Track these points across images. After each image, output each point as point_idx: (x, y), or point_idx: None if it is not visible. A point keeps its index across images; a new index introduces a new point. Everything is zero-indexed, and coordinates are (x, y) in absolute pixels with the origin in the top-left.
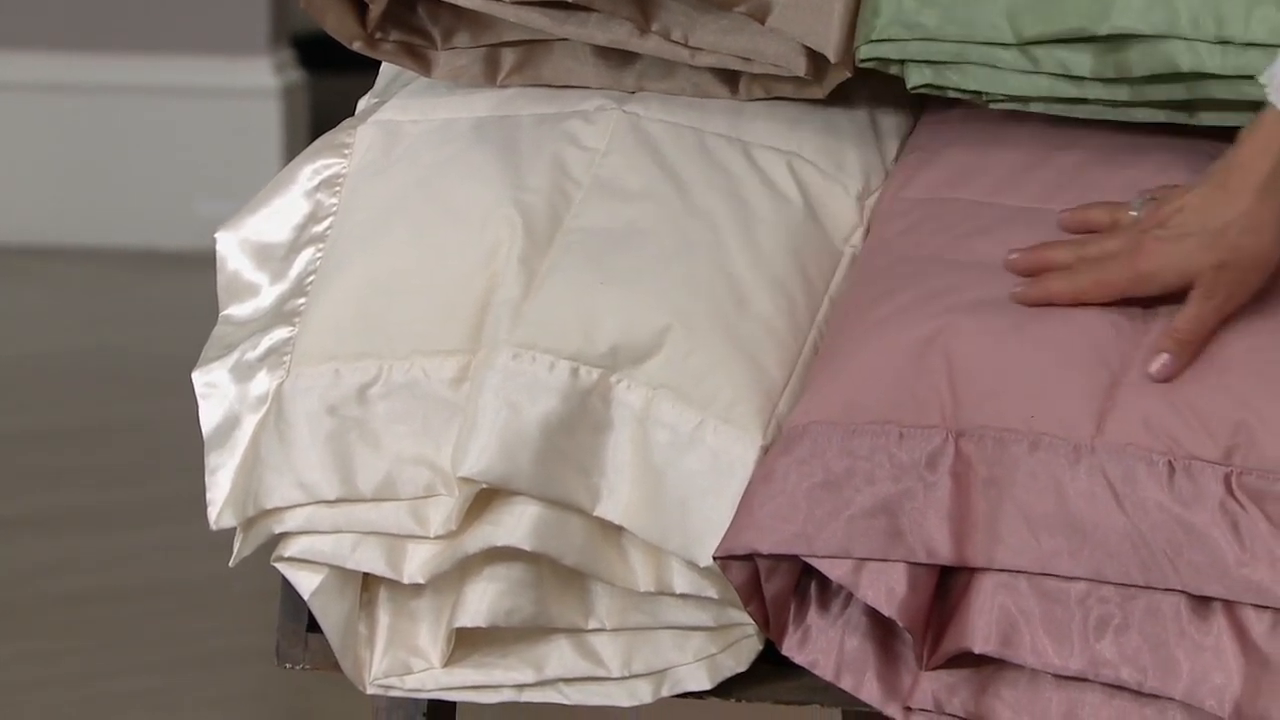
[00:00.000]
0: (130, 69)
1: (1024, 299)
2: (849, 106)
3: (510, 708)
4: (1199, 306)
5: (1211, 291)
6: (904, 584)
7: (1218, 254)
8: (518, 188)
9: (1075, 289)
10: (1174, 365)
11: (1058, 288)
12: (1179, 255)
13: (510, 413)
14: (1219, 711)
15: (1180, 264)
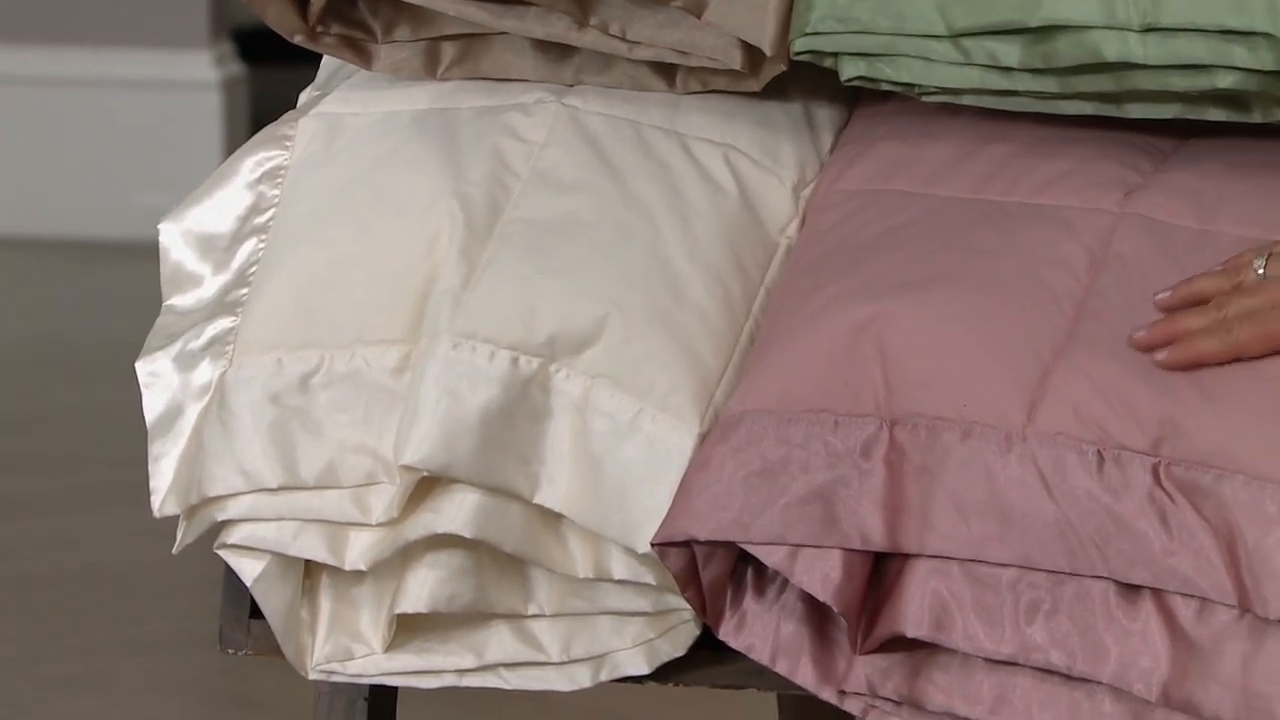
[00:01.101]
0: (72, 61)
1: (1170, 365)
2: (784, 99)
3: (451, 692)
4: None
5: None
6: (839, 570)
7: None
8: (458, 180)
9: (1232, 347)
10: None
11: (1209, 347)
12: None
13: (451, 402)
14: (1146, 695)
15: None
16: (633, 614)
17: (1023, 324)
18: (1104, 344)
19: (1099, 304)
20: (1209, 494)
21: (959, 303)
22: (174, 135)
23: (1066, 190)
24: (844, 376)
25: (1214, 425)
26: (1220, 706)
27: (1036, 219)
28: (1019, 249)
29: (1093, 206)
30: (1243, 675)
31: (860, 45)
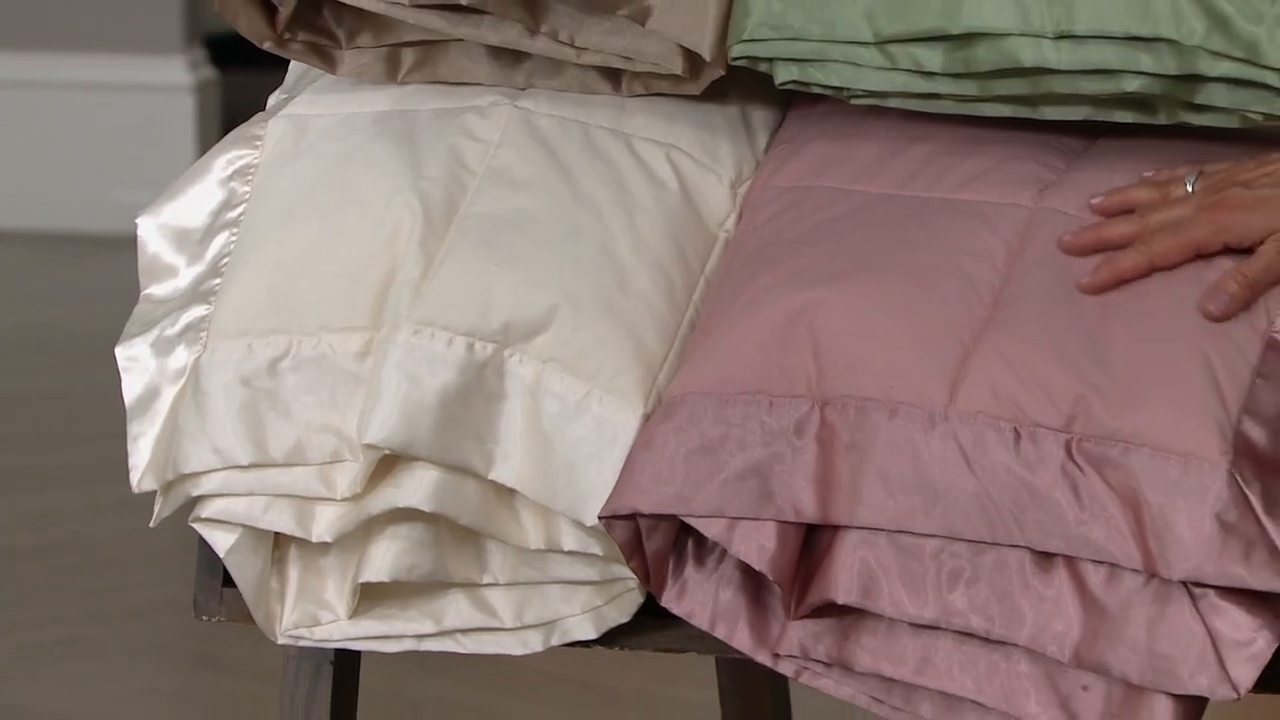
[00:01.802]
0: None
1: (1094, 288)
2: (722, 102)
3: (411, 656)
4: (1272, 258)
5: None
6: (773, 541)
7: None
8: (417, 177)
9: (1149, 258)
10: (1234, 306)
11: (1129, 264)
12: (1263, 211)
13: (411, 385)
14: (1059, 656)
15: (1263, 219)
16: (581, 583)
17: (945, 311)
18: (1020, 329)
19: (1015, 292)
20: (1117, 466)
21: (886, 291)
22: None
23: (985, 187)
24: (778, 360)
25: (1121, 402)
26: (1127, 667)
27: (958, 213)
28: (942, 241)
29: (1010, 202)
30: (1148, 638)
31: (793, 51)
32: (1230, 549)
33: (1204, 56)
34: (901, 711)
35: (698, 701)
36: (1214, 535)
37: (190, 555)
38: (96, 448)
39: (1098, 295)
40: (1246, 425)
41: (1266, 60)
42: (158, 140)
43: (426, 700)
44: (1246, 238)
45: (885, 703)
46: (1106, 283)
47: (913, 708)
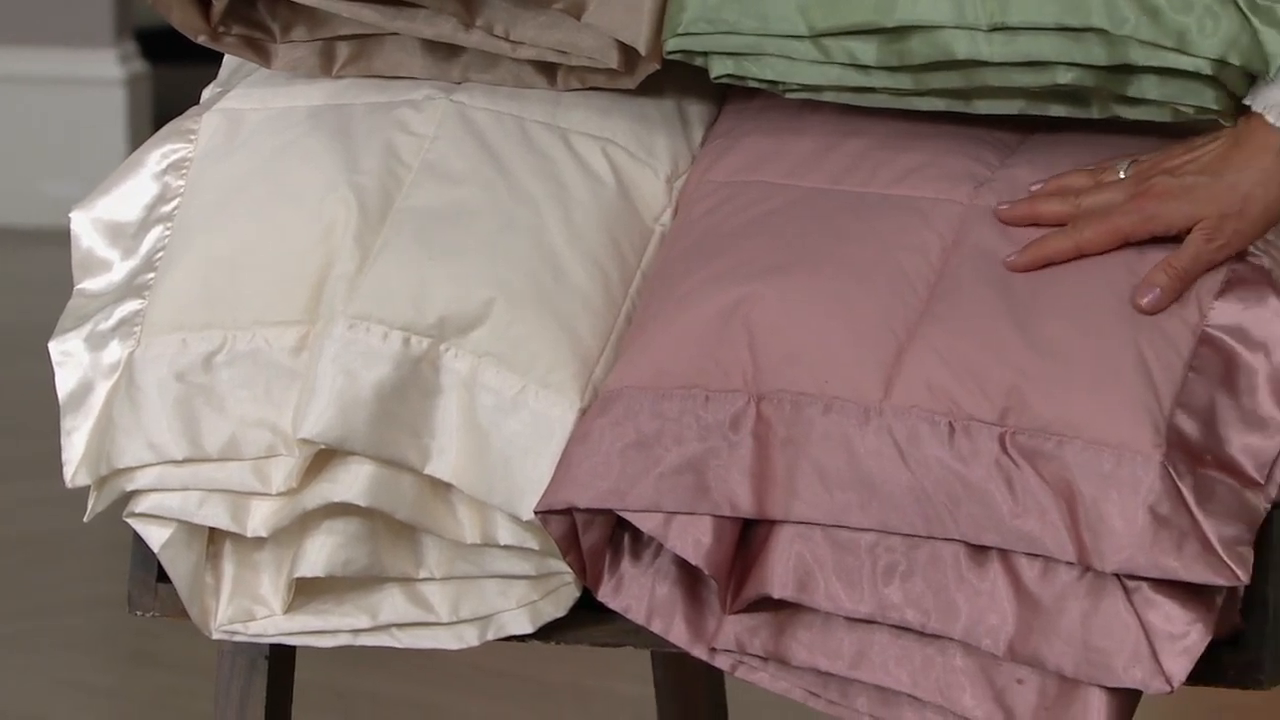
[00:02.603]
0: None
1: (1020, 266)
2: (658, 96)
3: (346, 651)
4: (1200, 246)
5: (1214, 235)
6: (709, 535)
7: (1228, 203)
8: (352, 171)
9: (1076, 244)
10: (1165, 299)
11: (1056, 246)
12: (1188, 199)
13: (346, 379)
14: (994, 650)
15: (1189, 207)
16: (517, 577)
17: (880, 305)
18: (954, 323)
19: (949, 286)
20: (1051, 458)
21: (821, 286)
22: (81, 129)
23: (920, 182)
24: (714, 355)
25: (1055, 395)
26: (1062, 660)
27: (893, 208)
28: (877, 236)
29: (945, 198)
30: (1082, 632)
31: (728, 45)
32: (1163, 541)
33: (1134, 46)
34: (837, 705)
35: (633, 696)
36: (1146, 527)
37: (124, 550)
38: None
39: (1029, 284)
40: (1179, 419)
41: (1195, 50)
42: (88, 134)
43: (361, 695)
44: (1173, 226)
45: (821, 697)
46: (1032, 263)
47: (849, 702)
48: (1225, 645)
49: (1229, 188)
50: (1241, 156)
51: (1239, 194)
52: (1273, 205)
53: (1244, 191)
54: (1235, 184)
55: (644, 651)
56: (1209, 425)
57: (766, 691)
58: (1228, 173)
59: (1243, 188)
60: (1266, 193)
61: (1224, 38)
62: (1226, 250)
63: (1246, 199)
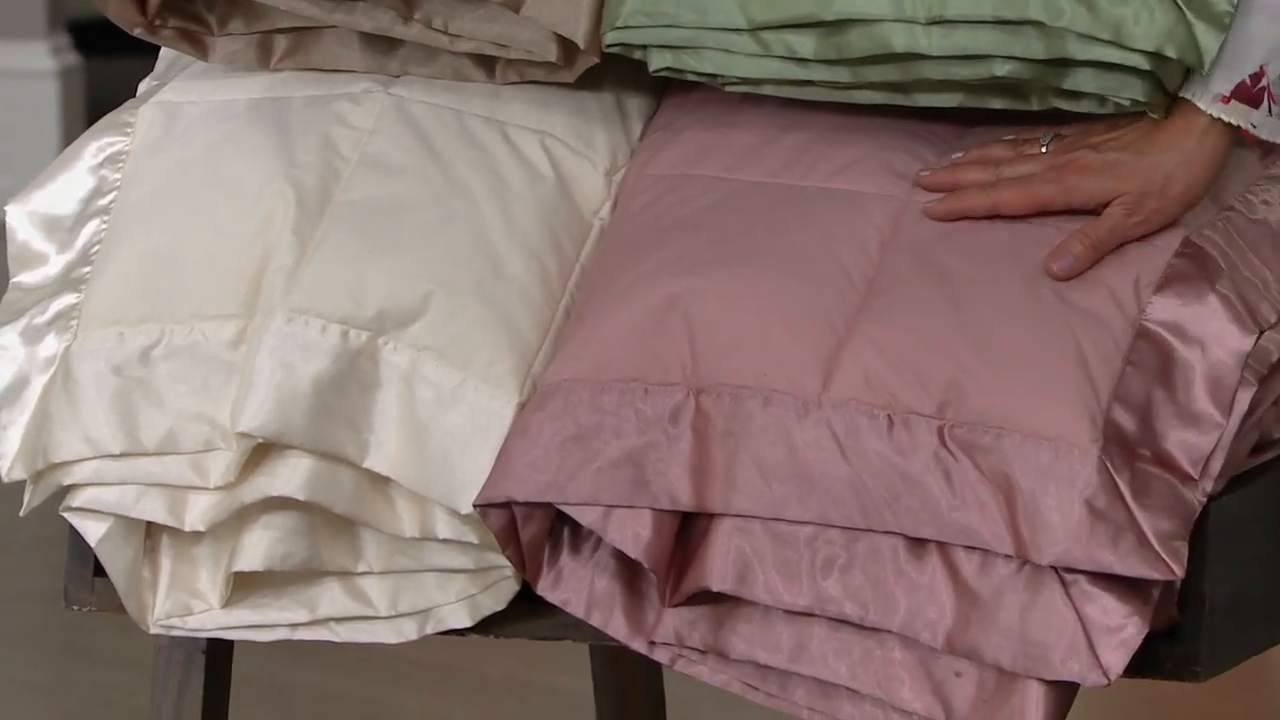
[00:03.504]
0: None
1: (937, 213)
2: (597, 89)
3: (284, 645)
4: (1118, 220)
5: (1133, 211)
6: (649, 529)
7: (1149, 180)
8: (290, 164)
9: (993, 202)
10: (1078, 266)
11: (974, 201)
12: (1110, 174)
13: (285, 372)
14: (932, 643)
15: (1110, 183)
16: (456, 571)
17: (819, 299)
18: (893, 316)
19: (888, 280)
20: (989, 451)
21: (760, 279)
22: (13, 122)
23: (859, 176)
24: (653, 348)
25: (993, 388)
26: (1000, 653)
27: (832, 202)
28: (816, 230)
29: (884, 192)
30: (1020, 625)
31: (667, 38)
32: (1099, 535)
33: (1071, 39)
34: (776, 699)
35: (572, 689)
36: (1083, 521)
37: (61, 545)
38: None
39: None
40: (1117, 413)
41: (1131, 42)
42: (20, 126)
43: (299, 689)
44: (1091, 199)
45: (760, 690)
46: (949, 214)
47: (787, 695)
48: (1162, 638)
49: (1151, 166)
50: (1165, 137)
51: (1161, 173)
52: (1193, 186)
53: (1166, 171)
54: (1158, 163)
55: (582, 645)
56: (1145, 420)
57: (705, 685)
58: (1151, 152)
59: (1165, 167)
60: (1188, 174)
61: (1159, 31)
62: (1144, 227)
63: (1168, 178)
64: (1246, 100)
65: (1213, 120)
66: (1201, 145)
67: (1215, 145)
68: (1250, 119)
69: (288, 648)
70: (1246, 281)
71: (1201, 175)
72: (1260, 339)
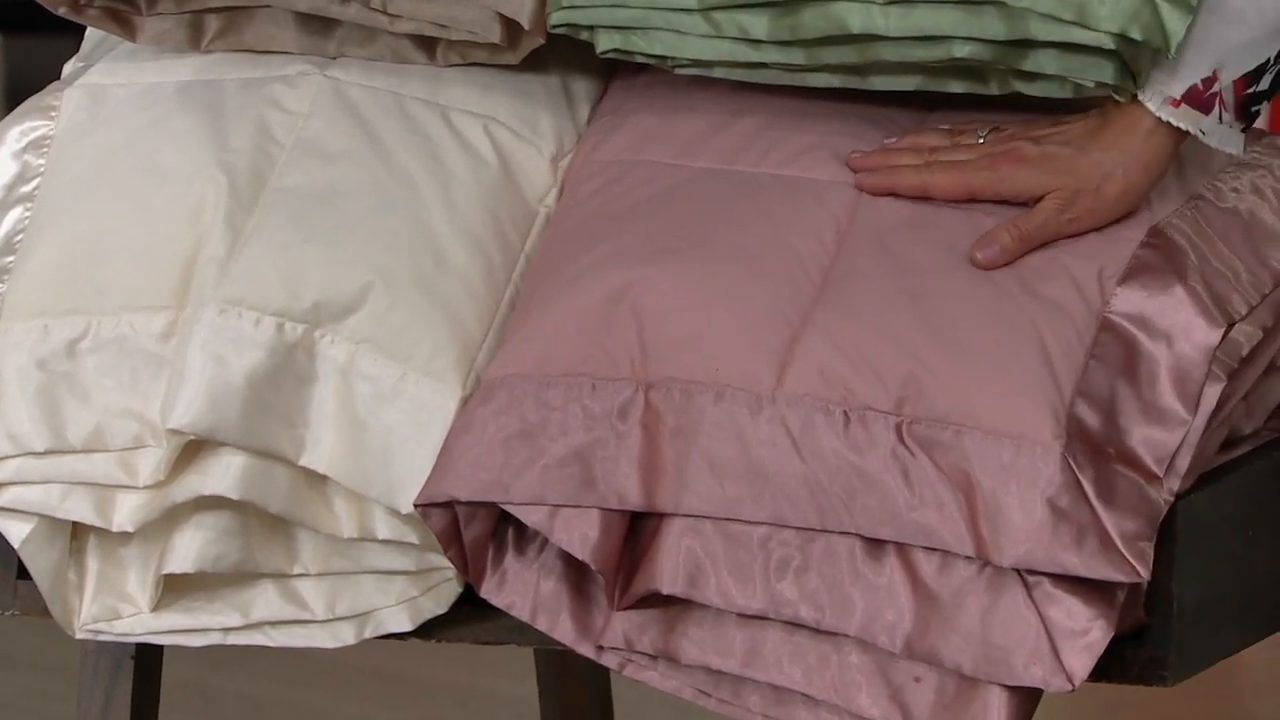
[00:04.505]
0: None
1: (868, 186)
2: (542, 72)
3: (216, 650)
4: (1050, 215)
5: (1067, 207)
6: (596, 529)
7: (1086, 178)
8: (222, 149)
9: (924, 181)
10: (1003, 257)
11: (905, 180)
12: (1046, 168)
13: (217, 367)
14: (890, 647)
15: (1045, 177)
16: (396, 573)
17: (772, 290)
18: (849, 308)
19: (844, 271)
20: (949, 449)
21: (712, 270)
22: None
23: (814, 163)
24: (601, 341)
25: (952, 383)
26: (960, 658)
27: (786, 190)
28: (769, 218)
29: (840, 180)
30: (981, 628)
31: (615, 18)
32: (1062, 536)
33: (1034, 20)
34: (729, 705)
35: (516, 695)
36: (1045, 521)
37: None
38: None
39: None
40: (1080, 408)
41: (1095, 23)
42: None
43: (230, 696)
44: (1025, 192)
45: (712, 696)
46: (878, 187)
47: (741, 701)
48: (1129, 641)
49: (1091, 164)
50: (1109, 135)
51: (1100, 172)
52: (1132, 189)
53: (1105, 170)
54: (1098, 161)
55: (527, 650)
56: (1109, 416)
57: (655, 690)
58: (1092, 149)
59: (1105, 166)
60: (1127, 175)
61: (1125, 11)
62: (1076, 225)
63: (1106, 178)
64: (1197, 105)
65: (1159, 122)
66: (1145, 146)
67: (1160, 149)
68: (1200, 124)
69: (220, 653)
70: (1216, 272)
71: (1142, 178)
72: (1229, 332)
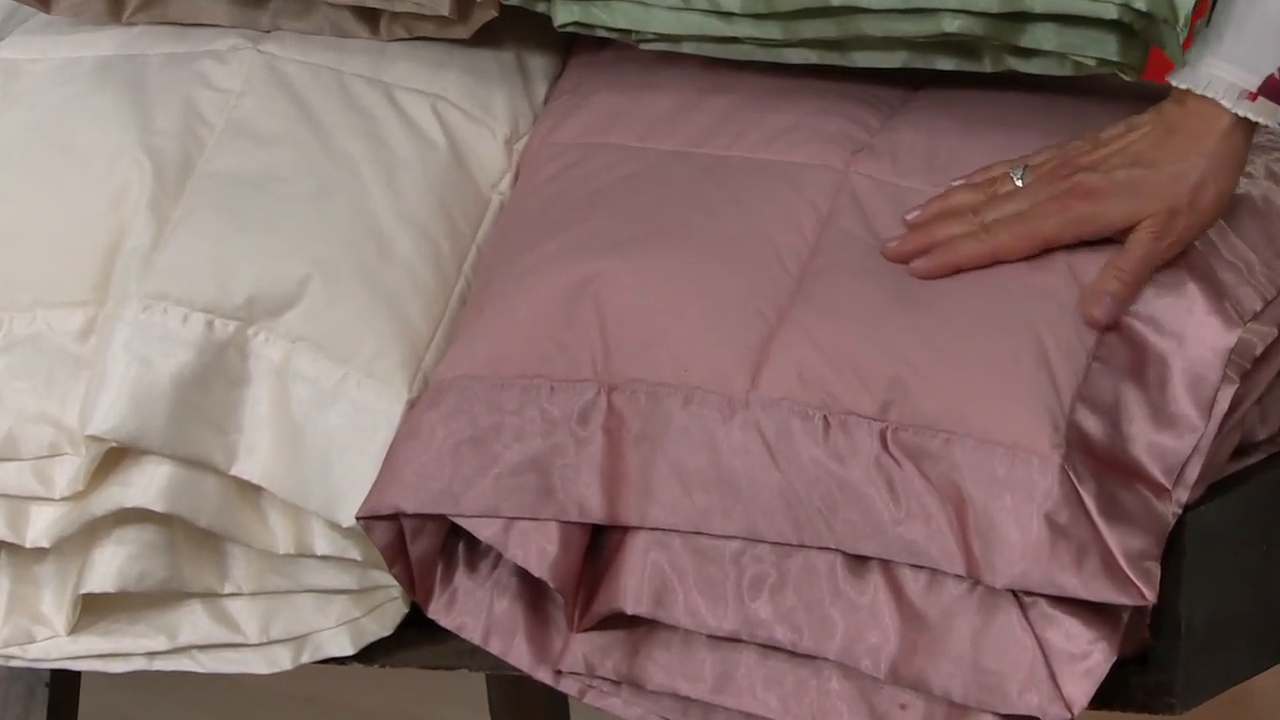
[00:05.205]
0: None
1: (928, 270)
2: (495, 47)
3: (139, 677)
4: (1148, 246)
5: (1164, 233)
6: (555, 543)
7: (1175, 195)
8: (146, 130)
9: (990, 248)
10: (1117, 309)
11: (969, 251)
12: (1128, 194)
13: (141, 367)
14: (874, 672)
15: (1130, 204)
16: (337, 591)
17: (746, 283)
18: (830, 304)
19: (825, 263)
20: (937, 458)
21: (680, 261)
22: None
23: (791, 145)
24: (560, 339)
25: (942, 386)
26: (950, 684)
27: (761, 174)
28: (743, 205)
29: (819, 163)
30: (973, 651)
31: None
32: (1061, 555)
33: None
34: None
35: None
36: (1043, 539)
37: None
38: None
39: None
40: (1081, 415)
41: None
42: None
43: None
44: (1112, 226)
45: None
46: (942, 269)
47: None
48: (1133, 665)
49: (1174, 178)
50: (1181, 142)
51: (1187, 184)
52: (1224, 193)
53: (1193, 180)
54: (1181, 173)
55: (479, 675)
56: (1114, 423)
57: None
58: (1167, 162)
59: (1191, 176)
60: (1216, 180)
61: None
62: (1177, 247)
63: (1197, 188)
64: (1276, 97)
65: (1237, 119)
66: (1225, 146)
67: (1239, 145)
68: (1278, 116)
69: (143, 680)
70: (1228, 265)
71: (1229, 179)
72: (1243, 332)
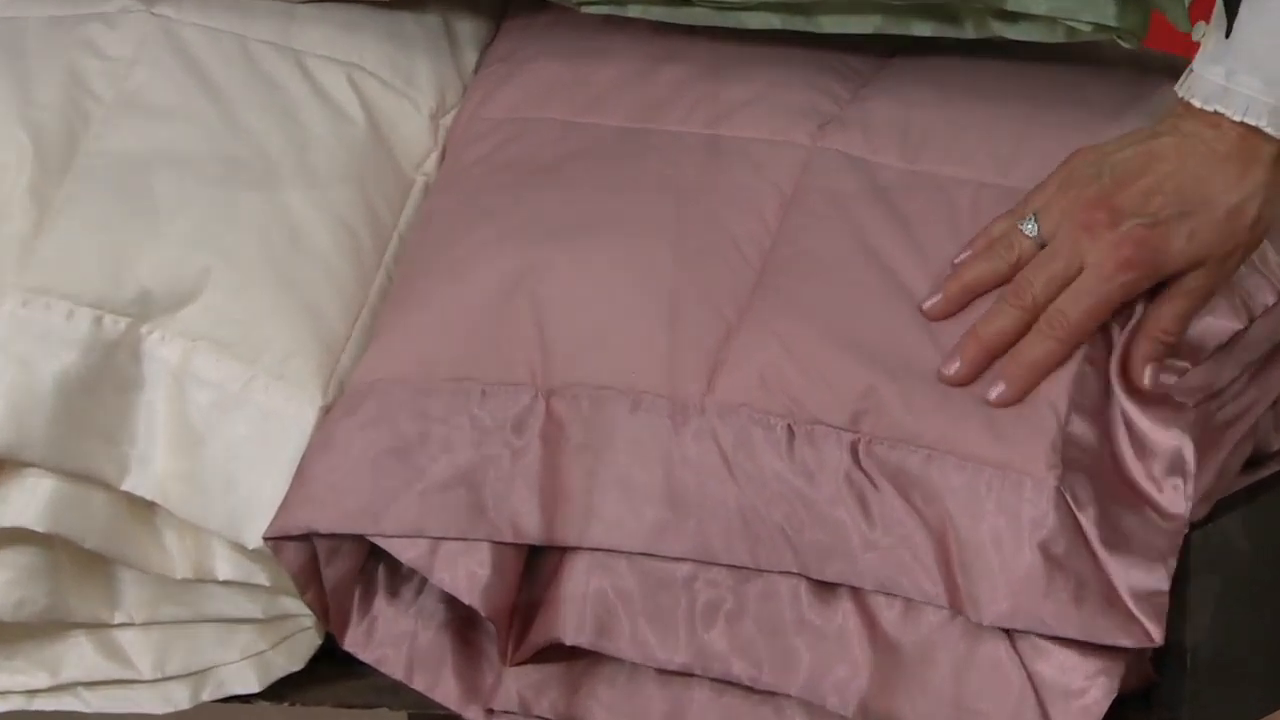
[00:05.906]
0: None
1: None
2: (419, 10)
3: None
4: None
5: (1215, 279)
6: (487, 567)
7: (1232, 235)
8: (25, 104)
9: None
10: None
11: (1045, 350)
12: (1186, 241)
13: (20, 370)
14: (842, 710)
15: (1190, 251)
16: (241, 621)
17: (701, 276)
18: (796, 300)
19: (790, 254)
20: (916, 477)
21: (626, 251)
22: None
23: (751, 120)
24: (493, 338)
25: (922, 396)
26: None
27: (717, 153)
28: (697, 188)
29: (782, 139)
30: (954, 687)
31: None
32: (1056, 590)
33: None
34: None
35: None
36: (1036, 571)
37: None
38: None
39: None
40: (1075, 425)
41: None
42: None
43: None
44: (1174, 273)
45: None
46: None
47: None
48: (1134, 702)
49: (1231, 214)
50: (1230, 172)
51: (1244, 221)
52: (1271, 221)
53: (1250, 215)
54: (1238, 210)
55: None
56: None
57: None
58: (1221, 195)
59: (1249, 213)
60: (1269, 211)
61: None
62: (1226, 281)
63: (1254, 223)
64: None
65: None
66: (1276, 173)
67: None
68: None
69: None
70: None
71: (1277, 206)
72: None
